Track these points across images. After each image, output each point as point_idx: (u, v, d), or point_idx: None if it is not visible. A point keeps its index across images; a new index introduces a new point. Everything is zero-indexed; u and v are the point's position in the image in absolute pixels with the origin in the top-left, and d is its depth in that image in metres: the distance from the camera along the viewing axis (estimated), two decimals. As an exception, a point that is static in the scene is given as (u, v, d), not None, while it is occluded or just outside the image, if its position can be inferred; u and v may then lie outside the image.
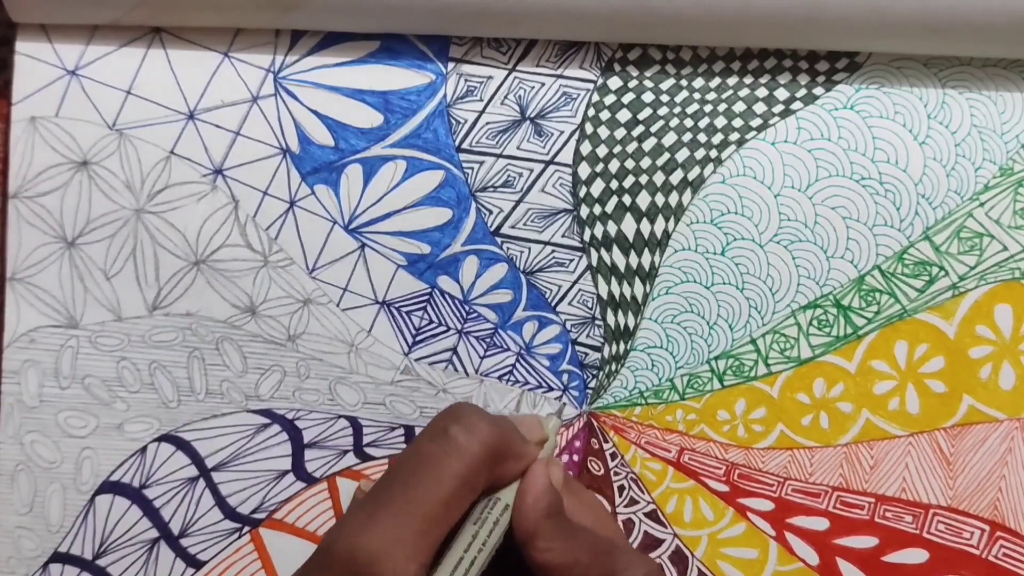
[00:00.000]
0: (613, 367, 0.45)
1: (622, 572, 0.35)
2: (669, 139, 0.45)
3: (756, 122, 0.45)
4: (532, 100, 0.45)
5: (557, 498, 0.37)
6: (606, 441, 0.45)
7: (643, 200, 0.45)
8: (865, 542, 0.44)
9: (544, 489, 0.36)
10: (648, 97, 0.45)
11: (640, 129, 0.45)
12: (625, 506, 0.44)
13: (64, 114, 0.44)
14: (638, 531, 0.44)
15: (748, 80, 0.45)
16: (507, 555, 0.36)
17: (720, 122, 0.45)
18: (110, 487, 0.44)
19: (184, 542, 0.44)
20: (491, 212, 0.45)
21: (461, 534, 0.35)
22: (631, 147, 0.45)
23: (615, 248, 0.45)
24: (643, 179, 0.45)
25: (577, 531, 0.36)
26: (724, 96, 0.45)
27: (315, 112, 0.45)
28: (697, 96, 0.45)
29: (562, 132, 0.45)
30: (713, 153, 0.45)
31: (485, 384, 0.45)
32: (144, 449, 0.44)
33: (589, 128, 0.45)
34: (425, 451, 0.35)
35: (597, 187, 0.45)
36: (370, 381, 0.44)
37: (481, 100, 0.45)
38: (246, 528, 0.44)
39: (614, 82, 0.45)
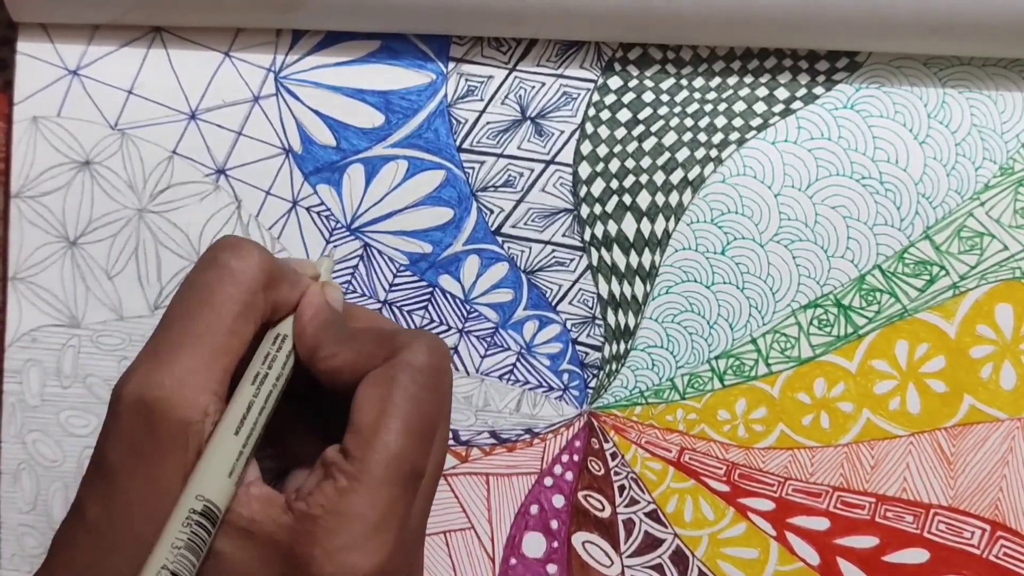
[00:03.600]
0: (613, 366, 0.45)
1: (405, 348, 0.34)
2: (669, 138, 0.45)
3: (756, 121, 0.45)
4: (532, 100, 0.45)
5: (335, 313, 0.36)
6: (606, 441, 0.45)
7: (643, 199, 0.45)
8: (866, 542, 0.44)
9: (321, 305, 0.36)
10: (648, 97, 0.45)
11: (640, 128, 0.45)
12: (625, 506, 0.44)
13: (66, 114, 0.44)
14: (639, 531, 0.44)
15: (748, 80, 0.45)
16: (307, 398, 0.36)
17: (720, 121, 0.45)
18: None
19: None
20: (492, 212, 0.45)
21: (248, 372, 0.34)
22: (631, 146, 0.45)
23: (615, 247, 0.45)
24: (643, 178, 0.45)
25: (355, 331, 0.36)
26: (724, 95, 0.45)
27: (316, 112, 0.45)
28: (697, 95, 0.45)
29: (562, 132, 0.45)
30: (713, 152, 0.45)
31: (485, 383, 0.45)
32: None
33: (589, 128, 0.45)
34: (200, 282, 0.34)
35: (597, 187, 0.45)
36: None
37: (482, 100, 0.45)
38: (247, 527, 0.44)
39: (614, 82, 0.45)
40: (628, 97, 0.45)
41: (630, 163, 0.45)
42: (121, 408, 0.33)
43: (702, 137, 0.45)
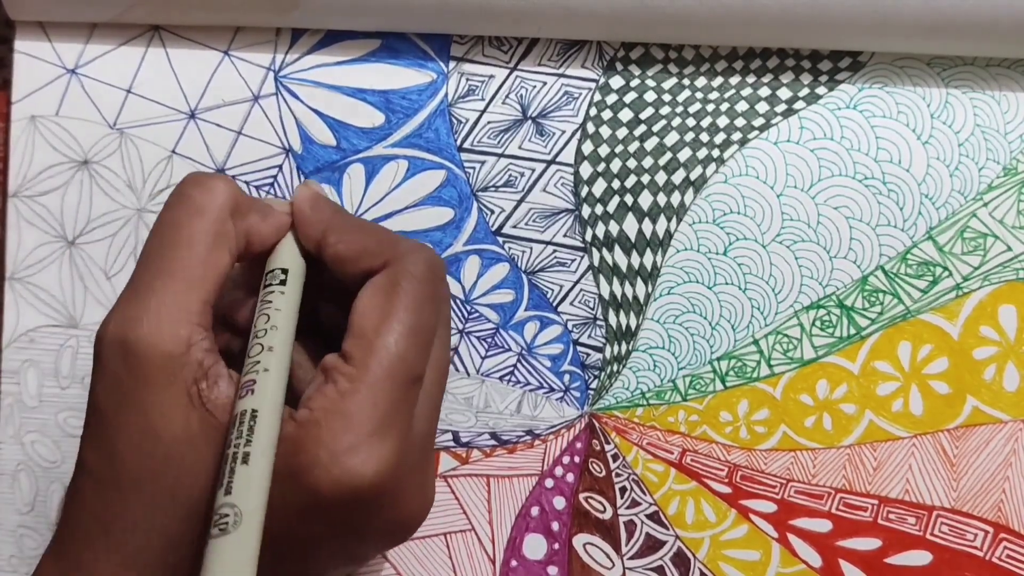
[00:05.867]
0: (615, 368, 0.45)
1: (404, 257, 0.35)
2: (671, 138, 0.45)
3: (759, 121, 0.45)
4: (534, 99, 0.45)
5: (335, 204, 0.37)
6: (608, 443, 0.45)
7: (645, 200, 0.45)
8: (868, 544, 0.44)
9: (319, 196, 0.37)
10: (650, 96, 0.45)
11: (642, 128, 0.45)
12: (627, 508, 0.44)
13: (64, 113, 0.44)
14: (640, 533, 0.44)
15: (751, 79, 0.45)
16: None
17: (723, 121, 0.45)
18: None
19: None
20: (493, 212, 0.45)
21: (258, 314, 0.35)
22: (633, 146, 0.45)
23: (617, 248, 0.45)
24: (645, 179, 0.45)
25: (363, 225, 0.37)
26: (727, 95, 0.45)
27: (316, 111, 0.45)
28: (699, 95, 0.45)
29: (564, 131, 0.45)
30: (715, 153, 0.45)
31: (486, 384, 0.44)
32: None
33: (591, 127, 0.45)
34: (168, 220, 0.35)
35: (599, 187, 0.45)
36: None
37: (482, 99, 0.45)
38: (246, 529, 0.43)
39: (616, 81, 0.45)
40: (630, 97, 0.45)
41: (632, 163, 0.45)
42: (103, 352, 0.33)
43: (704, 137, 0.45)
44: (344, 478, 0.32)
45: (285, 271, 0.36)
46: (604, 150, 0.45)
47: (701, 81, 0.45)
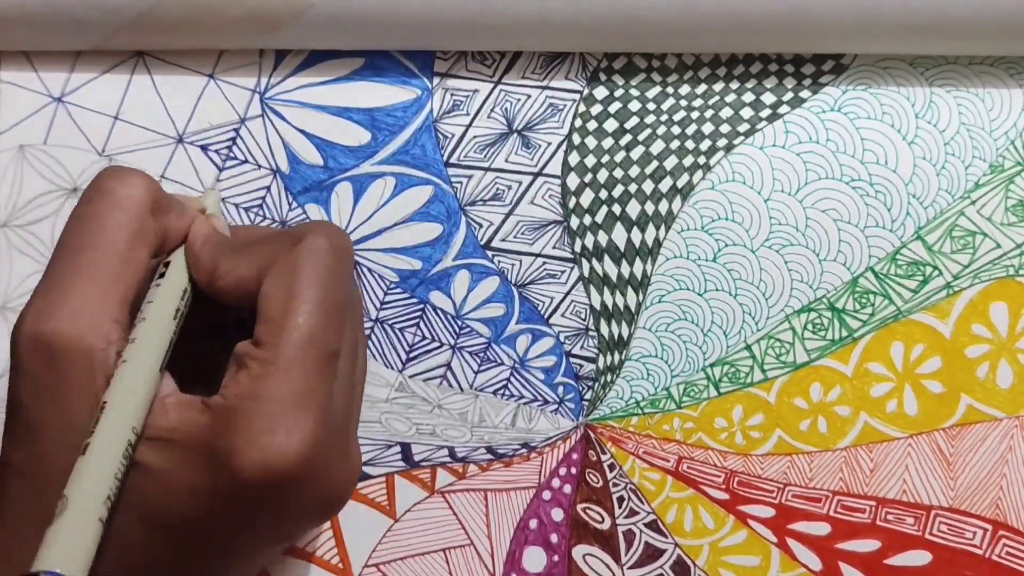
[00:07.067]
0: (608, 378, 0.45)
1: (305, 236, 0.34)
2: (657, 147, 0.45)
3: (744, 127, 0.45)
4: (518, 112, 0.45)
5: (225, 236, 0.36)
6: (604, 452, 0.45)
7: (633, 209, 0.45)
8: (867, 545, 0.44)
9: (211, 231, 0.36)
10: (635, 106, 0.45)
11: (628, 138, 0.45)
12: (625, 517, 0.44)
13: (52, 141, 0.44)
14: (639, 542, 0.44)
15: (734, 85, 0.45)
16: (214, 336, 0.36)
17: (707, 128, 0.45)
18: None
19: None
20: (481, 226, 0.45)
21: (147, 297, 0.34)
22: (619, 156, 0.45)
23: (606, 258, 0.45)
24: (632, 188, 0.45)
25: (251, 242, 0.36)
26: (711, 102, 0.45)
27: (303, 131, 0.45)
28: (684, 103, 0.45)
29: (549, 143, 0.45)
30: (702, 160, 0.45)
31: (480, 399, 0.44)
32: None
33: (577, 139, 0.45)
34: (87, 214, 0.34)
35: (587, 197, 0.45)
36: (365, 399, 0.44)
37: (467, 114, 0.45)
38: (245, 550, 0.43)
39: (600, 92, 0.45)
40: (614, 107, 0.45)
41: (618, 173, 0.45)
42: (21, 348, 0.32)
43: (690, 144, 0.45)
44: (264, 460, 0.31)
45: (167, 264, 0.35)
46: (591, 161, 0.45)
47: (685, 89, 0.45)
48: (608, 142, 0.45)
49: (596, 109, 0.45)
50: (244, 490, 0.32)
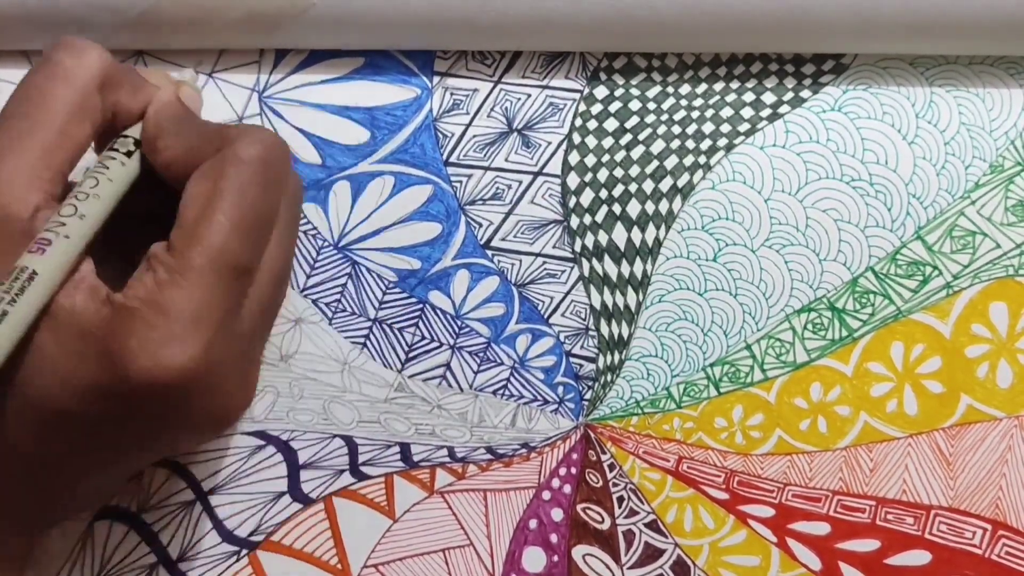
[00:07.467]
0: (608, 377, 0.45)
1: (235, 140, 0.33)
2: (657, 147, 0.45)
3: (744, 127, 0.45)
4: (519, 112, 0.45)
5: (184, 109, 0.36)
6: (604, 452, 0.44)
7: (633, 208, 0.45)
8: (867, 545, 0.44)
9: (171, 99, 0.36)
10: (635, 105, 0.45)
11: (628, 137, 0.45)
12: (625, 517, 0.44)
13: (50, 140, 0.44)
14: (639, 542, 0.44)
15: (735, 85, 0.45)
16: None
17: (708, 128, 0.45)
18: (108, 512, 0.43)
19: (183, 566, 0.43)
20: (481, 225, 0.45)
21: (88, 170, 0.34)
22: (619, 156, 0.45)
23: (607, 257, 0.45)
24: (632, 187, 0.45)
25: (192, 125, 0.35)
26: (711, 102, 0.45)
27: (301, 130, 0.45)
28: (684, 103, 0.45)
29: (550, 143, 0.45)
30: (702, 159, 0.45)
31: (480, 399, 0.44)
32: (140, 474, 0.43)
33: (577, 138, 0.45)
34: (31, 84, 0.34)
35: (587, 197, 0.45)
36: (364, 399, 0.44)
37: (467, 113, 0.45)
38: (244, 551, 0.43)
39: (600, 91, 0.45)
40: (615, 106, 0.45)
41: (619, 172, 0.45)
42: None
43: (690, 144, 0.45)
44: (152, 370, 0.31)
45: (138, 143, 0.35)
46: (591, 160, 0.45)
47: (685, 88, 0.45)
48: (608, 141, 0.45)
49: (596, 108, 0.45)
50: (127, 391, 0.32)
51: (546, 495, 0.44)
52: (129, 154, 0.35)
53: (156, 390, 0.31)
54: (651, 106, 0.45)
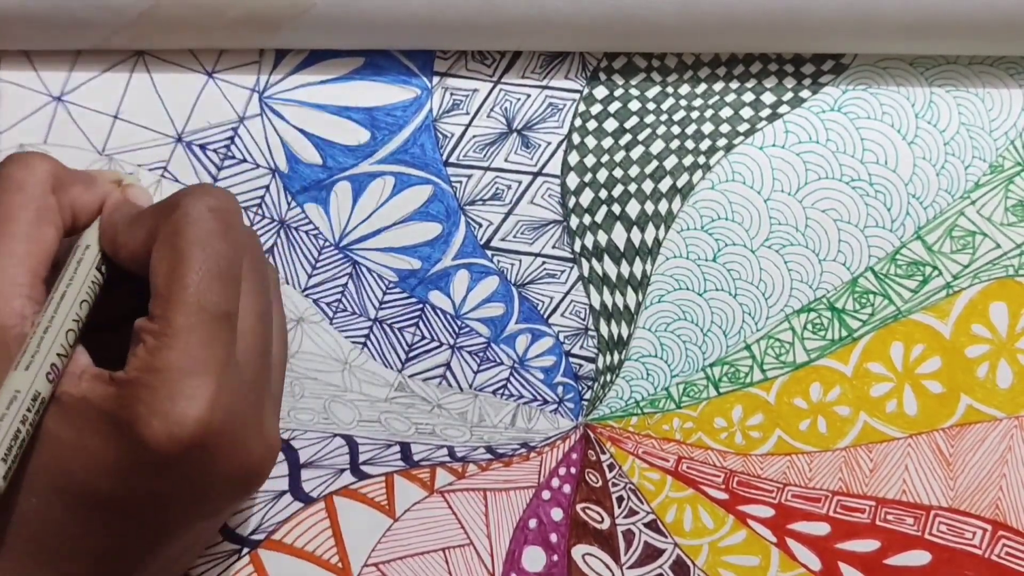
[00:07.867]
0: (608, 378, 0.45)
1: (181, 203, 0.34)
2: (657, 147, 0.45)
3: (743, 127, 0.45)
4: (518, 112, 0.45)
5: (135, 207, 0.37)
6: (603, 452, 0.45)
7: (633, 209, 0.45)
8: (867, 545, 0.44)
9: (119, 201, 0.37)
10: (634, 105, 0.45)
11: (627, 138, 0.45)
12: (625, 517, 0.44)
13: (52, 141, 0.44)
14: (639, 542, 0.44)
15: (734, 85, 0.45)
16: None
17: (707, 128, 0.45)
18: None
19: (184, 565, 0.43)
20: (481, 225, 0.45)
21: (59, 277, 0.35)
22: (619, 156, 0.45)
23: (606, 258, 0.45)
24: (632, 187, 0.45)
25: (142, 212, 0.36)
26: (711, 102, 0.45)
27: (302, 131, 0.45)
28: (683, 103, 0.45)
29: (549, 143, 0.45)
30: (701, 159, 0.45)
31: (479, 399, 0.44)
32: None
33: (576, 138, 0.45)
34: None
35: (586, 197, 0.45)
36: (364, 399, 0.44)
37: (467, 113, 0.45)
38: (245, 549, 0.43)
39: (600, 91, 0.45)
40: (614, 106, 0.45)
41: (618, 172, 0.45)
42: None
43: (689, 144, 0.45)
44: (167, 428, 0.32)
45: (87, 247, 0.36)
46: (590, 160, 0.45)
47: (685, 88, 0.45)
48: (608, 142, 0.45)
49: (596, 109, 0.45)
50: (154, 460, 0.32)
51: (546, 495, 0.44)
52: (87, 250, 0.36)
53: (174, 450, 0.32)
54: (651, 106, 0.45)
